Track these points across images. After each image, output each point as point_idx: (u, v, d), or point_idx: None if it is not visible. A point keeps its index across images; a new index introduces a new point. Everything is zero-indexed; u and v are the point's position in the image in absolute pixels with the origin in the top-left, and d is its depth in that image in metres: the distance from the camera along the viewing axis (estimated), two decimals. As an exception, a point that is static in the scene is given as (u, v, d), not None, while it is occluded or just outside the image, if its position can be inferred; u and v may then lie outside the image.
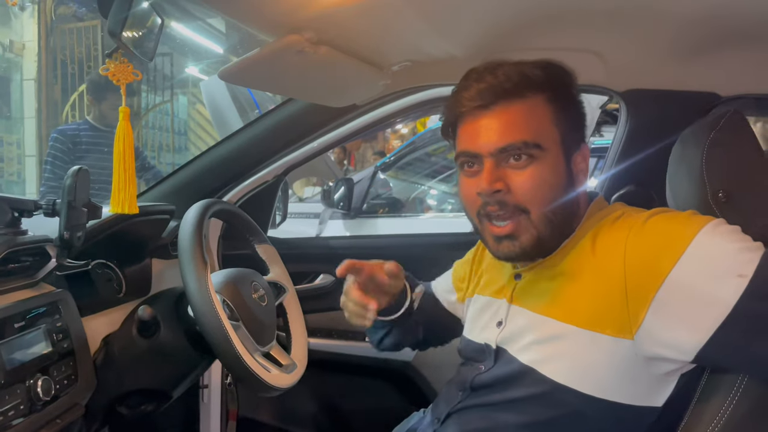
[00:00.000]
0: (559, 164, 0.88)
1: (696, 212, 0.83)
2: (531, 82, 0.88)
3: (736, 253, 0.75)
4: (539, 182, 0.86)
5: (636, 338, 0.79)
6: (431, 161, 3.58)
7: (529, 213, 0.87)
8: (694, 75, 1.15)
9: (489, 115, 0.88)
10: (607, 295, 0.81)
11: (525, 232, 0.88)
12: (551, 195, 0.87)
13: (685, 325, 0.76)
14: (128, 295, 1.29)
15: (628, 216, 0.87)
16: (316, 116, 1.45)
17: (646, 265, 0.78)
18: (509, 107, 0.87)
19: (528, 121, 0.87)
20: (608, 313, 0.81)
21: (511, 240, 0.88)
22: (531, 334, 0.89)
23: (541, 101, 0.88)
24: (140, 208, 1.15)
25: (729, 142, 0.90)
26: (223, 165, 1.52)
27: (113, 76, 0.88)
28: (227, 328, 0.99)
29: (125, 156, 0.92)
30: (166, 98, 8.57)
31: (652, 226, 0.81)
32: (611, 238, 0.85)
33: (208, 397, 1.58)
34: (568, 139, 0.89)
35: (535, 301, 0.91)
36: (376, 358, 1.76)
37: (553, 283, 0.90)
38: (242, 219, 1.28)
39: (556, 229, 0.89)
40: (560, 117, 0.89)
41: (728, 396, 0.80)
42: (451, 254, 1.67)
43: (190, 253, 1.01)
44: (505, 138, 0.86)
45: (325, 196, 3.04)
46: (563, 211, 0.89)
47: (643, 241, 0.80)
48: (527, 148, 0.86)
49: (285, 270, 1.33)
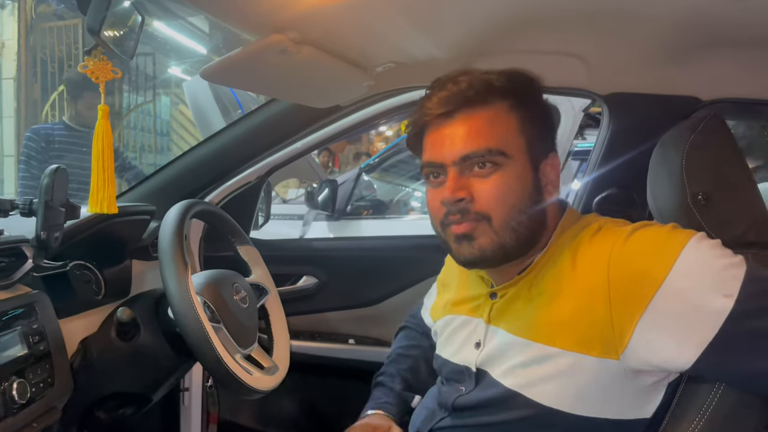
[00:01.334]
0: (525, 173, 0.87)
1: (677, 225, 0.82)
2: (494, 90, 0.87)
3: (720, 272, 0.75)
4: (503, 190, 0.85)
5: (622, 358, 0.79)
6: (415, 163, 3.58)
7: (490, 220, 0.86)
8: (675, 79, 1.16)
9: (452, 123, 0.87)
10: (590, 314, 0.80)
11: (483, 235, 0.86)
12: (515, 203, 0.86)
13: (671, 346, 0.76)
14: (107, 297, 1.27)
15: (608, 231, 0.85)
16: (300, 117, 1.45)
17: (630, 286, 0.77)
18: (472, 115, 0.87)
19: (492, 128, 0.86)
20: (592, 333, 0.80)
21: (468, 241, 0.87)
22: (514, 358, 0.87)
23: (505, 108, 0.87)
24: (120, 208, 1.14)
25: (708, 145, 0.91)
26: (205, 165, 1.50)
27: (92, 74, 0.86)
28: (208, 330, 0.97)
29: (104, 155, 0.91)
30: (148, 98, 8.48)
31: (634, 245, 0.80)
32: (592, 254, 0.83)
33: (189, 401, 1.56)
34: (535, 147, 0.88)
35: (515, 323, 0.89)
36: (359, 361, 1.75)
37: (533, 304, 0.88)
38: (224, 220, 1.27)
39: (521, 238, 0.87)
40: (526, 125, 0.88)
41: (707, 398, 0.81)
42: (435, 256, 1.66)
43: (171, 254, 0.99)
44: (468, 146, 0.85)
45: (308, 197, 3.03)
46: (528, 220, 0.87)
47: (626, 261, 0.79)
48: (491, 155, 0.85)
49: (267, 271, 1.32)
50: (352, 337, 1.77)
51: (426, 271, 1.69)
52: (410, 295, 1.71)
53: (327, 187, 2.97)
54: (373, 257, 1.81)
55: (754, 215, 0.90)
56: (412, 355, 1.19)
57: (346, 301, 1.77)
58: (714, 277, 0.75)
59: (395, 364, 1.18)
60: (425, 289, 1.68)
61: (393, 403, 1.11)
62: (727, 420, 0.80)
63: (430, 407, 1.03)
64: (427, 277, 1.69)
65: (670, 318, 0.75)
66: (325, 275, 1.77)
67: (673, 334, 0.76)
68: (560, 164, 0.93)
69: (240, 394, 1.04)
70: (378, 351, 1.74)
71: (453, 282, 1.11)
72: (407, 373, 1.16)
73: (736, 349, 0.74)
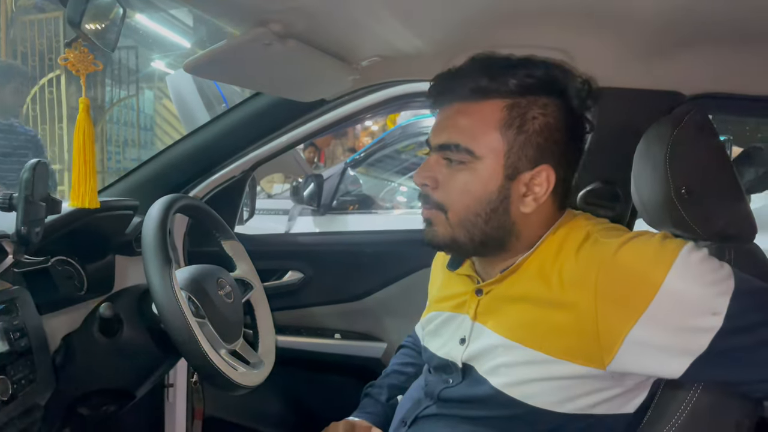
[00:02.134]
0: (492, 178, 0.85)
1: (668, 235, 0.81)
2: (496, 86, 0.85)
3: (708, 289, 0.75)
4: (461, 188, 0.86)
5: (608, 368, 0.79)
6: (401, 158, 3.58)
7: (446, 212, 0.88)
8: (658, 74, 1.16)
9: (447, 110, 0.90)
10: (576, 330, 0.80)
11: (439, 224, 0.90)
12: (470, 205, 0.86)
13: (659, 361, 0.77)
14: (90, 293, 1.25)
15: (596, 244, 0.83)
16: (285, 111, 1.44)
17: (618, 306, 0.77)
18: (463, 108, 0.87)
19: (472, 124, 0.86)
20: (579, 348, 0.80)
21: (428, 226, 0.91)
22: (500, 357, 0.87)
23: (497, 107, 0.85)
24: (102, 203, 1.12)
25: (692, 140, 0.91)
26: (189, 160, 1.49)
27: (73, 66, 0.85)
28: (192, 325, 0.97)
29: (85, 149, 0.90)
30: (131, 93, 8.39)
31: (623, 264, 0.78)
32: (579, 271, 0.82)
33: (174, 397, 1.55)
34: (517, 154, 0.85)
35: (501, 323, 0.89)
36: (346, 355, 1.75)
37: (519, 307, 0.88)
38: (208, 214, 1.26)
39: (476, 239, 0.88)
40: (513, 128, 0.84)
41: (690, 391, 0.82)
42: (420, 250, 1.66)
43: (154, 249, 0.98)
44: (444, 136, 0.88)
45: (294, 192, 3.02)
46: (486, 225, 0.87)
47: (614, 281, 0.78)
48: (458, 151, 0.86)
49: (252, 266, 1.31)
50: (338, 331, 1.77)
51: (412, 266, 1.70)
52: (396, 290, 1.72)
53: (312, 182, 2.97)
54: (359, 252, 1.81)
55: (736, 209, 0.91)
56: (405, 372, 1.19)
57: (332, 296, 1.77)
58: (701, 298, 0.75)
59: (388, 378, 1.19)
60: (411, 284, 1.70)
61: (377, 413, 1.11)
62: (710, 413, 0.81)
63: (416, 397, 1.03)
64: (413, 271, 1.70)
65: (659, 333, 0.76)
66: (311, 270, 1.77)
67: (661, 350, 0.76)
68: (553, 180, 0.86)
69: (225, 389, 1.03)
70: (364, 345, 1.75)
71: (437, 280, 1.11)
72: (397, 388, 1.16)
73: (724, 362, 0.75)
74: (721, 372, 0.76)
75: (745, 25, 0.94)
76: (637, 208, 1.03)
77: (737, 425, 0.81)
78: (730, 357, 0.74)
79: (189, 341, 0.96)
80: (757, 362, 0.74)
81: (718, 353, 0.74)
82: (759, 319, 0.74)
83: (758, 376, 0.74)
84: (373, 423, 1.08)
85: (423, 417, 0.98)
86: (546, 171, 0.86)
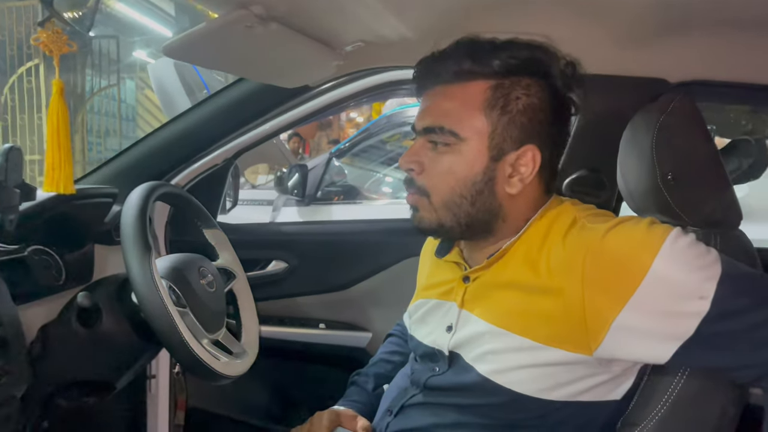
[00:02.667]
0: (477, 159, 0.85)
1: (654, 221, 0.81)
2: (483, 66, 0.85)
3: (695, 274, 0.75)
4: (445, 170, 0.86)
5: (595, 354, 0.79)
6: (386, 149, 3.56)
7: (429, 197, 0.88)
8: (643, 61, 1.16)
9: (430, 94, 0.90)
10: (564, 316, 0.80)
11: (424, 209, 0.90)
12: (455, 187, 0.86)
13: (645, 346, 0.77)
14: (68, 283, 1.23)
15: (583, 229, 0.83)
16: (267, 97, 1.41)
17: (605, 291, 0.77)
18: (446, 90, 0.87)
19: (456, 106, 0.86)
20: (566, 333, 0.80)
21: (414, 211, 0.91)
22: (487, 344, 0.87)
23: (480, 88, 0.85)
24: (80, 190, 1.10)
25: (678, 126, 0.91)
26: (169, 147, 1.46)
27: (45, 47, 0.82)
28: (173, 314, 0.95)
29: (59, 132, 0.87)
30: (112, 82, 8.28)
31: (610, 249, 0.78)
32: (567, 256, 0.81)
33: (156, 388, 1.53)
34: (502, 135, 0.85)
35: (488, 311, 0.88)
36: (330, 345, 1.74)
37: (506, 294, 0.87)
38: (189, 203, 1.23)
39: (462, 222, 0.87)
40: (497, 109, 0.84)
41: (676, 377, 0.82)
42: (405, 240, 1.67)
43: (133, 237, 0.96)
44: (428, 120, 0.88)
45: (278, 182, 2.99)
46: (471, 207, 0.86)
47: (601, 267, 0.78)
48: (442, 133, 0.85)
49: (235, 256, 1.29)
50: (322, 321, 1.76)
51: (397, 256, 1.69)
52: (381, 280, 1.71)
53: (297, 172, 2.94)
54: (344, 241, 1.80)
55: (721, 195, 0.91)
56: (392, 361, 1.19)
57: (317, 286, 1.75)
58: (688, 283, 0.75)
59: (374, 367, 1.19)
60: (396, 274, 1.69)
61: (363, 402, 1.11)
62: (695, 399, 0.81)
63: (402, 385, 1.02)
64: (398, 261, 1.69)
65: (646, 318, 0.76)
66: (295, 260, 1.75)
67: (647, 335, 0.76)
68: (539, 160, 0.86)
69: (208, 379, 1.02)
70: (349, 335, 1.74)
71: (425, 268, 1.10)
72: (383, 377, 1.16)
73: (711, 347, 0.75)
74: (707, 357, 0.76)
75: (728, 12, 0.94)
76: (623, 195, 1.02)
77: (722, 411, 0.81)
78: (717, 342, 0.74)
79: (170, 331, 0.94)
80: (742, 347, 0.74)
81: (704, 338, 0.74)
82: (745, 304, 0.74)
83: (744, 360, 0.74)
84: (358, 411, 1.07)
85: (409, 406, 0.97)
86: (531, 151, 0.86)
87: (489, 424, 0.87)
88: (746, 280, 0.77)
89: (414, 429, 0.95)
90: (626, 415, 0.85)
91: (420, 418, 0.94)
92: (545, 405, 0.83)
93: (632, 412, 0.85)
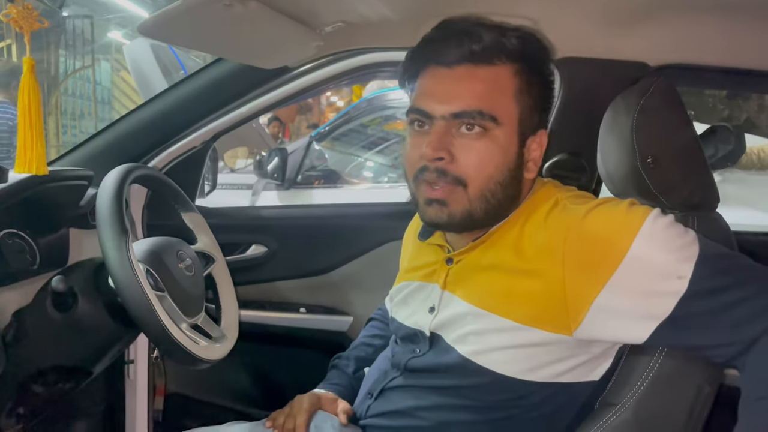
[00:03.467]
0: (510, 144, 0.84)
1: (634, 202, 0.82)
2: (503, 49, 0.83)
3: (673, 255, 0.76)
4: (486, 158, 0.83)
5: (575, 334, 0.80)
6: (367, 132, 3.54)
7: (466, 187, 0.83)
8: (624, 44, 1.16)
9: (450, 75, 0.84)
10: (544, 296, 0.80)
11: (456, 203, 0.84)
12: (493, 174, 0.83)
13: (624, 325, 0.78)
14: (42, 267, 1.20)
15: (564, 210, 0.83)
16: (246, 79, 1.39)
17: (585, 272, 0.78)
18: (474, 72, 0.83)
19: (489, 90, 0.83)
20: (546, 314, 0.80)
21: (440, 205, 0.85)
22: (468, 325, 0.87)
23: (508, 72, 0.84)
24: (54, 172, 1.08)
25: (658, 110, 0.92)
26: (146, 129, 1.43)
27: (15, 23, 0.80)
28: (151, 298, 0.94)
29: (31, 111, 0.84)
30: (87, 63, 8.10)
31: (590, 230, 0.79)
32: (548, 237, 0.82)
33: (134, 373, 1.51)
34: (527, 119, 0.86)
35: (470, 292, 0.89)
36: (311, 329, 1.74)
37: (489, 275, 0.87)
38: (167, 185, 1.21)
39: (491, 210, 0.85)
40: (524, 93, 0.85)
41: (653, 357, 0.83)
42: (386, 223, 1.66)
43: (109, 219, 0.94)
44: (462, 103, 0.82)
45: (258, 166, 2.96)
46: (503, 194, 0.85)
47: (581, 247, 0.78)
48: (482, 118, 0.82)
49: (214, 239, 1.28)
50: (303, 305, 1.75)
51: (378, 239, 1.68)
52: (362, 263, 1.70)
53: (276, 156, 2.91)
54: (325, 225, 1.79)
55: (700, 179, 0.92)
56: (373, 345, 1.18)
57: (297, 270, 1.74)
58: (667, 264, 0.75)
59: (355, 350, 1.18)
60: (377, 258, 1.69)
61: (343, 385, 1.10)
62: (672, 378, 0.82)
63: (383, 368, 1.02)
64: (379, 245, 1.68)
65: (625, 298, 0.76)
66: (275, 244, 1.74)
67: (627, 314, 0.77)
68: (546, 144, 0.89)
69: (187, 364, 1.01)
70: (330, 319, 1.73)
71: (407, 251, 1.10)
72: (364, 360, 1.15)
73: (688, 326, 0.76)
74: (683, 336, 0.77)
75: None
76: (603, 179, 1.03)
77: (698, 390, 0.82)
78: (693, 321, 0.75)
79: (148, 315, 0.93)
80: (719, 326, 0.75)
81: (681, 317, 0.75)
82: (722, 284, 0.75)
83: (719, 339, 0.76)
84: (338, 394, 1.07)
85: (389, 389, 0.97)
86: (543, 135, 0.88)
87: (469, 405, 0.88)
88: (723, 260, 0.78)
89: (394, 412, 0.95)
90: (604, 395, 0.86)
91: (400, 400, 0.95)
92: (525, 386, 0.84)
93: (610, 392, 0.86)
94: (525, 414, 0.86)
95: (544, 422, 0.87)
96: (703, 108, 4.43)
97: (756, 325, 0.72)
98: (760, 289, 0.74)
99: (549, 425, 0.87)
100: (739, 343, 0.74)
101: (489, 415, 0.87)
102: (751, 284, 0.74)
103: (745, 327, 0.73)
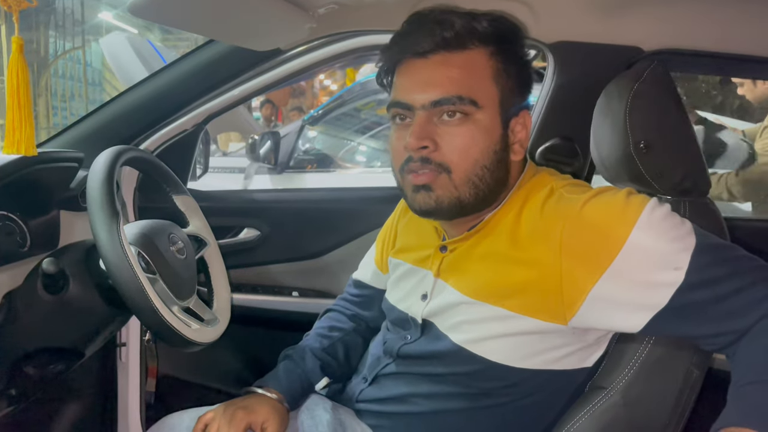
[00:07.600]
0: (493, 127, 0.84)
1: (632, 191, 0.81)
2: (475, 34, 0.83)
3: (671, 245, 0.76)
4: (470, 142, 0.83)
5: (570, 323, 0.80)
6: (360, 117, 3.52)
7: (450, 172, 0.83)
8: (618, 28, 1.16)
9: (426, 65, 0.84)
10: (541, 286, 0.80)
11: (442, 188, 0.84)
12: (478, 158, 0.83)
13: (620, 316, 0.78)
14: (33, 249, 1.19)
15: (561, 200, 0.83)
16: (238, 61, 1.37)
17: (582, 262, 0.78)
18: (448, 58, 0.83)
19: (466, 74, 0.83)
20: (542, 303, 0.81)
21: (426, 191, 0.85)
22: (462, 314, 0.87)
23: (483, 55, 0.84)
24: (44, 154, 1.07)
25: (651, 94, 0.92)
26: (137, 111, 1.42)
27: (3, 2, 0.78)
28: (142, 281, 0.93)
29: (19, 92, 0.83)
30: (77, 44, 8.00)
31: (588, 219, 0.79)
32: (544, 227, 0.81)
33: (126, 356, 1.51)
34: (508, 101, 0.86)
35: (464, 281, 0.88)
36: (303, 313, 1.74)
37: (483, 264, 0.87)
38: (158, 168, 1.20)
39: (480, 194, 0.85)
40: (502, 75, 0.85)
41: (642, 343, 0.84)
42: (379, 208, 1.65)
43: (100, 201, 0.94)
44: (440, 91, 0.82)
45: (250, 149, 2.94)
46: (490, 177, 0.85)
47: (579, 238, 0.78)
48: (462, 103, 0.82)
49: (206, 222, 1.27)
50: (295, 289, 1.75)
51: (370, 224, 1.68)
52: (354, 247, 1.70)
53: (269, 140, 2.90)
54: (317, 209, 1.79)
55: (692, 164, 0.93)
56: (330, 336, 1.13)
57: (289, 254, 1.74)
58: (664, 255, 0.75)
59: (310, 341, 1.12)
60: (369, 241, 1.68)
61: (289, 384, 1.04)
62: (661, 363, 0.83)
63: (376, 354, 1.03)
64: (371, 229, 1.68)
65: (622, 288, 0.76)
66: (268, 227, 1.73)
67: (623, 304, 0.77)
68: (531, 124, 0.90)
69: (178, 346, 1.01)
70: (322, 303, 1.72)
71: (402, 226, 1.09)
72: (321, 352, 1.09)
73: (683, 317, 0.76)
74: (679, 326, 0.77)
75: None
76: (596, 164, 1.03)
77: (687, 374, 0.83)
78: (688, 311, 0.76)
79: (139, 297, 0.93)
80: (713, 317, 0.75)
81: (677, 308, 0.75)
82: (717, 274, 0.75)
83: (714, 330, 0.76)
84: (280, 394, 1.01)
85: (383, 375, 0.98)
86: (525, 116, 0.88)
87: (462, 392, 0.88)
88: (718, 251, 0.78)
89: (388, 398, 0.95)
90: (594, 379, 0.87)
91: (394, 387, 0.95)
92: (519, 373, 0.84)
93: (600, 376, 0.87)
94: (518, 400, 0.87)
95: (537, 408, 0.88)
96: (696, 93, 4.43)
97: (749, 315, 0.73)
98: (753, 280, 0.74)
99: (542, 410, 0.88)
100: (732, 333, 0.74)
101: (482, 401, 0.87)
102: (745, 275, 0.75)
103: (738, 318, 0.74)
